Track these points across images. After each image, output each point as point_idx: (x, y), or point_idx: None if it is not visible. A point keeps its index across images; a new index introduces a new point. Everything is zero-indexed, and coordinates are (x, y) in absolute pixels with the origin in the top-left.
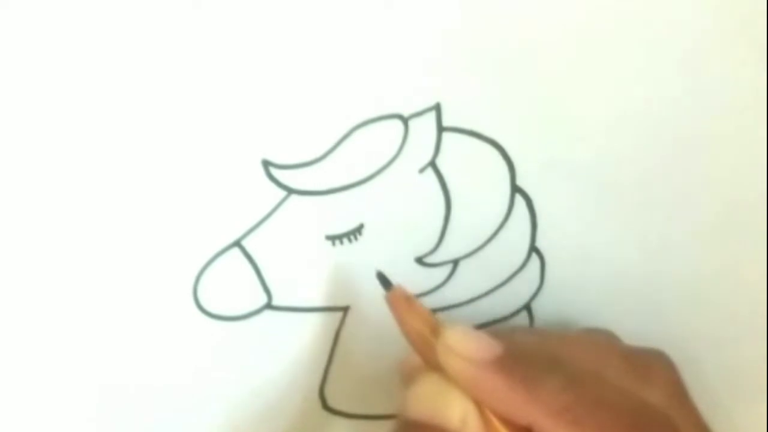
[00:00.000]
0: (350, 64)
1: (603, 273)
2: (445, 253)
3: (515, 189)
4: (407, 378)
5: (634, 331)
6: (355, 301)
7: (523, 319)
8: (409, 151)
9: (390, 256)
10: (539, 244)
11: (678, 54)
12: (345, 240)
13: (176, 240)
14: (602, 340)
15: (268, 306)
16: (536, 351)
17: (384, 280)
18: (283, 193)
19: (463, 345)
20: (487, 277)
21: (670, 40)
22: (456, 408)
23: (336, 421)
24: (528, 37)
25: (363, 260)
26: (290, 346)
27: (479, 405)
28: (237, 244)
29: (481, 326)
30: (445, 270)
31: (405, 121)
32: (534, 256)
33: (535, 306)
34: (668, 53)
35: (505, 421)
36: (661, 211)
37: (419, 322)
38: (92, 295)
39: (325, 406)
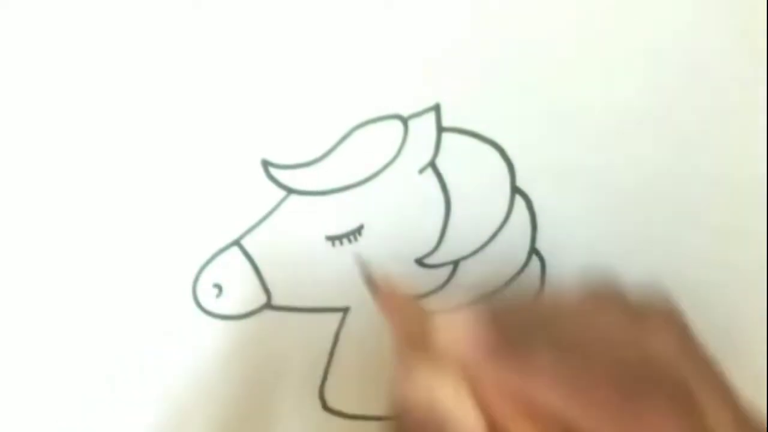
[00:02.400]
0: (350, 64)
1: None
2: (445, 254)
3: (515, 190)
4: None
5: None
6: (355, 302)
7: None
8: (408, 152)
9: (390, 257)
10: (539, 245)
11: (678, 55)
12: (345, 240)
13: (176, 239)
14: (600, 296)
15: (268, 306)
16: (526, 327)
17: (371, 284)
18: (282, 193)
19: (457, 332)
20: (487, 278)
21: (670, 41)
22: (450, 392)
23: (336, 422)
24: (528, 38)
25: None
26: (290, 346)
27: (474, 393)
28: (237, 243)
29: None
30: (445, 271)
31: (405, 121)
32: (534, 257)
33: None
34: (668, 53)
35: (504, 400)
36: (662, 211)
37: (406, 313)
38: (91, 294)
39: (325, 407)
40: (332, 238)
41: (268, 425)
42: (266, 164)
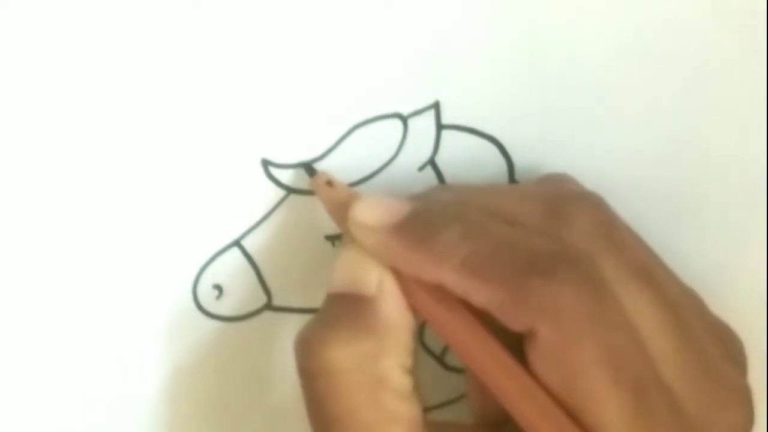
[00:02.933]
0: (349, 63)
1: None
2: None
3: None
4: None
5: None
6: None
7: None
8: (408, 150)
9: None
10: None
11: (677, 54)
12: None
13: (176, 239)
14: (531, 187)
15: (268, 306)
16: (442, 208)
17: (309, 169)
18: (282, 193)
19: (367, 215)
20: None
21: (669, 41)
22: (372, 275)
23: None
24: (527, 35)
25: None
26: (290, 347)
27: (395, 272)
28: (237, 243)
29: None
30: None
31: (404, 119)
32: None
33: None
34: (668, 53)
35: (420, 282)
36: (661, 210)
37: (338, 201)
38: (91, 295)
39: None
40: (332, 238)
41: (268, 426)
42: (266, 163)
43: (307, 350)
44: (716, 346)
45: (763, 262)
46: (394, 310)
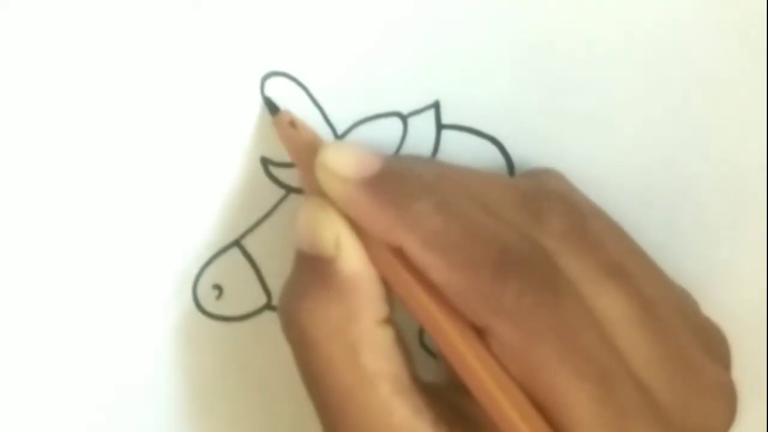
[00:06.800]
0: (349, 62)
1: None
2: None
3: None
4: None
5: None
6: None
7: None
8: (408, 149)
9: None
10: None
11: (677, 54)
12: None
13: (176, 239)
14: (513, 178)
15: (268, 306)
16: (419, 175)
17: (271, 105)
18: (282, 192)
19: (338, 161)
20: None
21: (670, 41)
22: (329, 232)
23: None
24: (527, 35)
25: None
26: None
27: (356, 225)
28: (236, 243)
29: None
30: None
31: (404, 118)
32: None
33: None
34: (668, 53)
35: (381, 242)
36: (661, 210)
37: (303, 144)
38: (90, 294)
39: None
40: None
41: (268, 425)
42: (266, 162)
43: (285, 320)
44: (696, 341)
45: (763, 262)
46: (356, 266)
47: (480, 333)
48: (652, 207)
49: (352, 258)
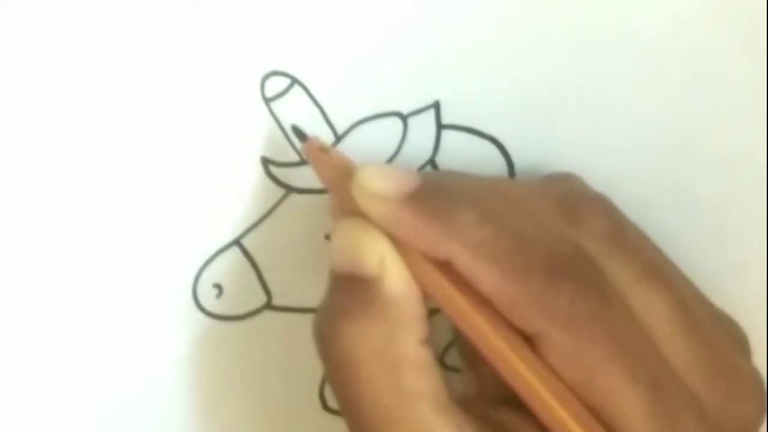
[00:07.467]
0: (349, 61)
1: None
2: None
3: None
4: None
5: None
6: None
7: None
8: (408, 149)
9: None
10: None
11: (678, 54)
12: None
13: (175, 238)
14: (541, 183)
15: (268, 306)
16: (457, 187)
17: (299, 133)
18: (282, 191)
19: (375, 182)
20: None
21: (670, 41)
22: (372, 252)
23: (336, 422)
24: (527, 35)
25: None
26: (290, 347)
27: (399, 244)
28: (236, 242)
29: None
30: None
31: (404, 118)
32: None
33: None
34: (668, 53)
35: (427, 258)
36: (661, 210)
37: (335, 169)
38: (89, 294)
39: (325, 407)
40: None
41: (267, 425)
42: (266, 162)
43: (323, 342)
44: (726, 338)
45: (763, 262)
46: (399, 285)
47: (530, 341)
48: (652, 207)
49: (396, 277)
